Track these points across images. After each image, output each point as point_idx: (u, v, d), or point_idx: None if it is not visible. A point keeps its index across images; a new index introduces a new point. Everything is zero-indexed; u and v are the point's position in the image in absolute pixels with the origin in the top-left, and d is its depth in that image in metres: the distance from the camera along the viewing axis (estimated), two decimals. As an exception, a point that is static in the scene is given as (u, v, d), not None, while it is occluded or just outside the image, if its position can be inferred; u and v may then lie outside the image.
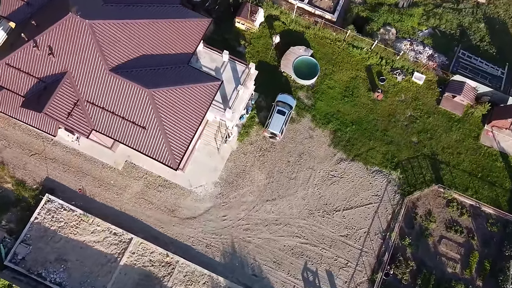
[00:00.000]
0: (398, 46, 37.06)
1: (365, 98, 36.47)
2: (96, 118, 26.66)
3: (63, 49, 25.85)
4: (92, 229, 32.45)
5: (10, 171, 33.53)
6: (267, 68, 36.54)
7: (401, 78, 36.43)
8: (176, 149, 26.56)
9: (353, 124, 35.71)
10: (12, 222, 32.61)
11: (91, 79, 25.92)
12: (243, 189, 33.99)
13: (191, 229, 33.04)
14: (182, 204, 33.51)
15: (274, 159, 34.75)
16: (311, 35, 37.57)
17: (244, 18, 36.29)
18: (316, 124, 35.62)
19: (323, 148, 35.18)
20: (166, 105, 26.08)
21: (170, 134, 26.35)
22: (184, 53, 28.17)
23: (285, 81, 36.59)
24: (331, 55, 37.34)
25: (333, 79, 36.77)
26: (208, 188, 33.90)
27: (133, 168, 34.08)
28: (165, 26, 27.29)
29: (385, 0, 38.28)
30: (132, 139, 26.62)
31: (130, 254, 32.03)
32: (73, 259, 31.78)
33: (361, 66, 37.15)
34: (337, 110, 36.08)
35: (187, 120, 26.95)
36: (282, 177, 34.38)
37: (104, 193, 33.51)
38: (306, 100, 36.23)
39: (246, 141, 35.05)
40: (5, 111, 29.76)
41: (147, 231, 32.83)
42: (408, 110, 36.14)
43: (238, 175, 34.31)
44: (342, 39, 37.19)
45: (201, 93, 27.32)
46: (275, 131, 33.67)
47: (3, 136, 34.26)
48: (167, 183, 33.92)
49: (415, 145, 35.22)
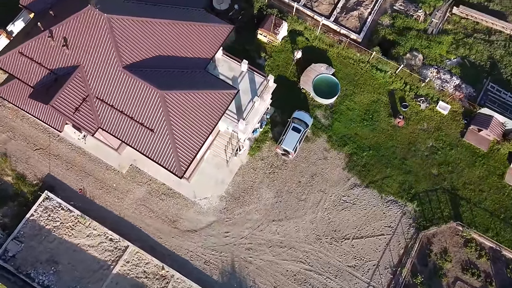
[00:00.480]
0: (424, 73, 35.58)
1: (385, 123, 34.85)
2: (104, 116, 25.54)
3: (78, 42, 24.99)
4: (88, 233, 31.00)
5: (12, 164, 32.52)
6: (286, 83, 35.31)
7: (424, 106, 34.80)
8: (183, 156, 25.18)
9: (371, 149, 34.01)
10: (7, 216, 31.38)
11: (103, 75, 24.92)
12: (249, 206, 32.32)
13: (191, 243, 31.34)
14: (184, 215, 31.94)
15: (285, 177, 33.12)
16: (334, 53, 36.38)
17: (267, 31, 35.33)
18: (332, 146, 34.02)
19: (337, 171, 33.46)
20: (178, 109, 24.86)
21: (178, 139, 25.03)
22: (202, 58, 27.10)
23: (303, 98, 35.26)
24: (353, 76, 36.00)
25: (353, 101, 35.31)
26: (212, 201, 32.32)
27: (138, 173, 32.77)
28: (185, 28, 26.33)
29: (413, 25, 37.02)
30: (138, 141, 25.37)
31: (124, 262, 30.40)
32: (65, 262, 30.27)
33: (383, 90, 35.67)
34: (355, 133, 34.48)
35: (197, 127, 25.64)
36: (291, 197, 32.66)
37: (104, 196, 32.16)
38: (323, 120, 34.76)
39: (257, 156, 33.57)
40: (13, 102, 28.90)
41: (145, 240, 31.23)
42: (430, 140, 34.35)
43: (246, 190, 32.70)
44: (366, 61, 35.89)
45: (215, 100, 26.08)
46: (289, 148, 32.16)
47: (10, 127, 33.40)
48: (171, 192, 32.47)
49: (435, 177, 33.27)
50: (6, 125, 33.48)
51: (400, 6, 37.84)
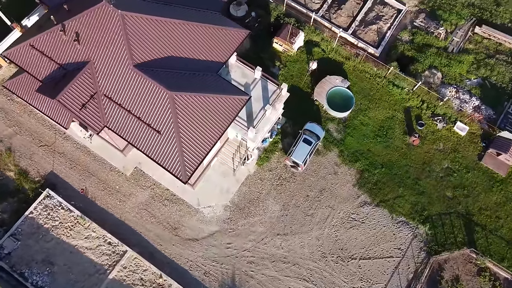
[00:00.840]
0: (442, 92, 34.45)
1: (399, 141, 33.66)
2: (111, 115, 24.83)
3: (90, 37, 24.45)
4: (87, 234, 30.08)
5: (15, 159, 31.92)
6: (299, 94, 34.43)
7: (441, 125, 33.58)
8: (189, 160, 24.27)
9: (383, 167, 32.78)
10: (6, 212, 30.63)
11: (113, 72, 24.29)
12: (253, 218, 31.18)
13: (191, 252, 30.22)
14: (186, 223, 30.89)
15: (292, 190, 31.98)
16: (350, 66, 35.49)
17: (283, 39, 34.64)
18: (343, 161, 32.87)
19: (347, 187, 32.24)
20: (187, 111, 24.05)
21: (185, 143, 24.17)
22: (215, 61, 26.38)
23: (316, 110, 34.30)
24: (368, 90, 35.00)
25: (368, 116, 34.24)
26: (216, 211, 31.25)
27: (142, 176, 31.92)
28: (199, 30, 25.69)
29: (433, 42, 36.04)
30: (144, 143, 24.55)
31: (121, 268, 29.34)
32: (61, 263, 29.31)
33: (399, 107, 34.57)
34: (368, 149, 33.32)
35: (206, 132, 24.77)
36: (298, 211, 31.46)
37: (106, 198, 31.31)
38: (335, 133, 33.70)
39: (266, 166, 32.54)
40: (21, 95, 28.41)
41: (144, 246, 30.20)
42: (446, 161, 33.02)
43: (251, 201, 31.61)
44: (383, 76, 34.91)
45: (226, 105, 25.25)
46: (298, 160, 31.09)
47: (17, 122, 32.91)
48: (174, 198, 31.50)
49: (449, 200, 31.86)
50: (13, 120, 33.00)
51: (420, 23, 36.95)
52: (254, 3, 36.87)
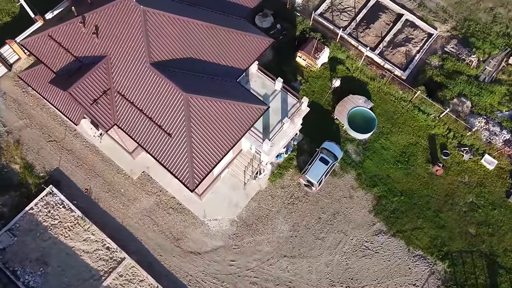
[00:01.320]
0: (471, 122, 32.61)
1: (421, 169, 31.77)
2: (122, 113, 23.81)
3: (109, 32, 23.68)
4: (85, 237, 28.77)
5: (22, 152, 31.11)
6: (319, 111, 33.03)
7: (468, 157, 31.63)
8: (198, 168, 22.92)
9: (402, 195, 30.85)
10: (7, 206, 29.64)
11: (129, 69, 23.38)
12: (261, 236, 29.45)
13: (192, 266, 28.55)
14: (190, 234, 29.34)
15: (304, 211, 30.24)
16: (375, 87, 34.04)
17: (307, 54, 33.50)
18: (360, 185, 31.08)
19: (362, 213, 30.35)
20: (201, 116, 22.85)
21: (196, 149, 22.88)
22: (236, 67, 25.30)
23: (336, 129, 32.77)
24: (392, 113, 33.39)
25: (390, 140, 32.53)
26: (222, 225, 29.66)
27: (149, 181, 30.66)
28: (222, 34, 24.74)
29: (464, 70, 34.44)
30: (153, 145, 23.36)
31: (117, 275, 27.82)
32: (55, 264, 27.98)
33: (424, 133, 32.80)
34: (387, 175, 31.50)
35: (219, 139, 23.48)
36: (308, 233, 29.63)
37: (110, 200, 30.07)
38: (354, 155, 32.02)
39: (278, 183, 30.95)
40: (34, 87, 27.73)
41: (144, 254, 28.70)
42: (470, 195, 30.92)
43: (260, 218, 29.94)
44: (408, 100, 33.33)
45: (242, 113, 24.00)
46: (313, 179, 29.44)
47: (29, 115, 32.25)
48: (180, 207, 30.08)
49: (472, 237, 29.64)
50: (25, 112, 32.37)
51: (451, 49, 35.47)
52: (280, 15, 36.03)
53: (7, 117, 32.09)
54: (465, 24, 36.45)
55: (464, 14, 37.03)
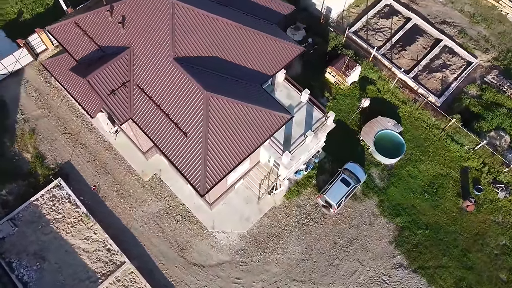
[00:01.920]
0: (509, 157, 30.23)
1: (451, 203, 29.39)
2: (139, 107, 22.76)
3: (135, 22, 22.94)
4: (87, 235, 27.43)
5: (36, 142, 30.39)
6: (345, 130, 31.33)
7: (503, 195, 29.15)
8: (212, 172, 21.44)
9: (428, 228, 28.48)
10: (13, 194, 28.74)
11: (151, 62, 22.45)
12: (270, 255, 27.47)
13: (194, 279, 26.72)
14: (196, 245, 27.62)
15: (319, 234, 28.19)
16: (406, 111, 32.19)
17: (337, 70, 32.10)
18: (382, 212, 28.90)
19: (381, 243, 28.07)
20: (220, 117, 21.53)
21: (211, 152, 21.47)
22: (262, 72, 24.07)
23: (361, 151, 30.89)
24: (423, 140, 31.35)
25: (418, 168, 30.40)
26: (231, 238, 27.86)
27: (159, 185, 29.32)
28: (251, 36, 23.67)
29: (504, 102, 32.31)
30: (167, 143, 22.10)
31: (114, 280, 26.23)
32: (53, 260, 26.65)
33: (455, 165, 30.55)
34: (412, 205, 29.24)
35: (236, 144, 22.03)
36: (321, 258, 27.48)
37: (117, 200, 28.80)
38: (377, 180, 29.97)
39: (294, 201, 29.11)
40: (55, 74, 27.14)
41: (145, 261, 27.08)
42: (503, 237, 28.28)
43: (271, 236, 28.03)
44: (441, 128, 31.30)
45: (264, 120, 22.57)
46: (332, 201, 27.50)
47: (48, 105, 31.72)
48: (188, 215, 28.51)
49: (503, 284, 26.88)
50: (45, 102, 31.86)
51: (492, 79, 33.45)
52: (313, 30, 34.96)
53: (26, 105, 31.62)
54: (508, 56, 34.51)
55: (508, 45, 35.15)
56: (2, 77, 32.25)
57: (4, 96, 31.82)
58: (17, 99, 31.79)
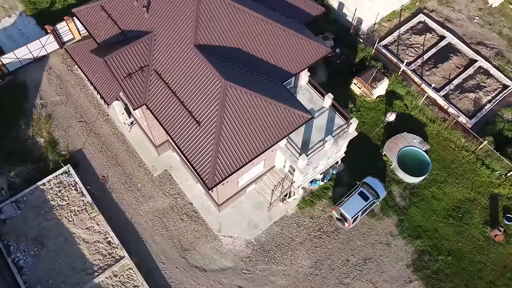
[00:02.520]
0: (544, 187, 27.91)
1: (477, 230, 27.16)
2: (154, 93, 22.03)
3: (160, 8, 22.52)
4: (89, 225, 26.45)
5: (51, 127, 30.01)
6: (367, 144, 29.80)
7: (536, 227, 26.76)
8: (222, 166, 20.27)
9: (450, 255, 26.25)
10: (21, 177, 28.22)
11: (172, 48, 21.87)
12: (277, 266, 25.75)
13: (194, 283, 25.20)
14: (199, 247, 26.20)
15: (331, 248, 26.35)
16: (434, 130, 30.44)
17: (364, 82, 30.84)
18: (401, 233, 26.91)
19: (398, 265, 25.96)
20: (236, 108, 20.52)
21: (224, 143, 20.37)
22: (285, 70, 23.09)
23: (382, 167, 29.18)
24: (450, 162, 29.42)
25: (443, 190, 28.40)
26: (237, 244, 26.34)
27: (169, 181, 28.28)
28: (277, 32, 22.87)
29: (541, 129, 30.18)
30: (179, 132, 21.17)
31: (111, 274, 24.98)
32: (51, 247, 25.70)
33: (485, 191, 28.41)
34: (434, 228, 27.15)
35: (251, 139, 20.89)
36: (331, 275, 25.55)
37: (124, 193, 27.85)
38: (398, 199, 28.09)
39: (307, 212, 27.47)
40: (76, 59, 26.91)
41: (145, 258, 25.79)
42: (534, 272, 25.77)
43: (280, 246, 26.36)
44: (471, 150, 29.34)
45: (282, 117, 21.42)
46: (347, 214, 25.77)
47: (67, 92, 31.52)
48: (195, 216, 27.23)
49: (531, 323, 24.24)
50: (65, 89, 31.69)
51: (529, 104, 31.49)
52: (342, 41, 33.97)
53: (46, 91, 31.50)
54: (547, 81, 32.54)
55: (547, 71, 33.24)
56: (27, 62, 32.34)
57: (26, 81, 31.83)
58: (38, 84, 31.74)
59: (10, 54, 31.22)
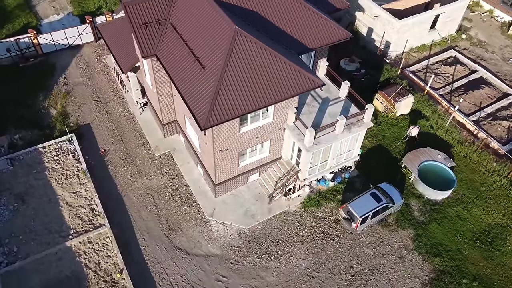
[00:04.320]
0: None
1: (510, 259, 23.04)
2: (166, 45, 21.83)
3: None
4: (77, 190, 24.90)
5: (66, 102, 30.16)
6: (385, 156, 27.58)
7: None
8: (220, 108, 18.98)
9: (476, 280, 22.08)
10: (24, 140, 27.77)
11: (192, 3, 21.99)
12: (269, 262, 22.48)
13: (173, 264, 22.24)
14: (187, 230, 23.64)
15: (334, 252, 22.96)
16: (462, 152, 27.87)
17: (386, 96, 29.57)
18: (417, 248, 23.27)
19: (412, 282, 21.99)
20: (244, 56, 19.76)
21: (225, 87, 19.28)
22: (301, 42, 22.53)
23: (400, 180, 26.46)
24: (479, 185, 26.32)
25: (470, 211, 24.99)
26: (228, 232, 23.58)
27: (169, 162, 26.80)
28: (299, 7, 22.83)
29: None
30: (182, 76, 20.42)
31: (85, 240, 22.73)
32: (32, 205, 24.10)
33: (519, 218, 24.73)
34: (457, 249, 23.34)
35: (255, 89, 19.73)
36: (331, 280, 21.88)
37: (121, 167, 26.48)
38: (416, 213, 24.85)
39: (311, 211, 24.67)
40: (103, 34, 27.85)
41: (125, 231, 23.47)
42: None
43: (276, 241, 23.31)
44: (504, 175, 26.29)
45: (292, 76, 20.34)
46: (356, 212, 22.82)
47: (90, 76, 32.20)
48: (189, 198, 25.10)
49: None
50: (89, 74, 32.43)
51: None
52: (369, 63, 33.53)
53: (71, 72, 32.33)
54: None
55: None
56: (61, 47, 33.84)
57: (56, 63, 32.97)
58: (66, 66, 32.76)
59: (47, 35, 32.87)
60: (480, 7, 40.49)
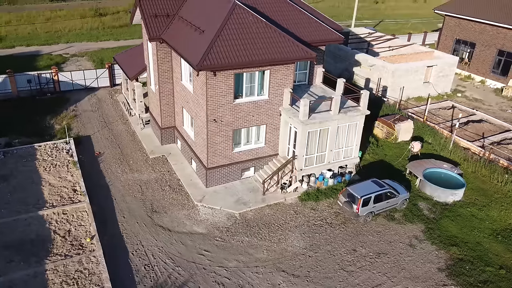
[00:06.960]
0: None
1: (540, 254, 19.94)
2: (172, 30, 23.74)
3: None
4: (63, 175, 24.00)
5: (72, 121, 31.09)
6: (388, 168, 26.43)
7: None
8: (214, 55, 19.56)
9: (503, 269, 18.77)
10: (23, 143, 27.82)
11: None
12: (260, 241, 19.92)
13: (151, 238, 19.87)
14: (172, 213, 21.71)
15: (334, 237, 20.35)
16: (469, 167, 26.55)
17: (386, 121, 29.82)
18: (429, 238, 20.52)
19: (426, 267, 18.82)
20: (241, 24, 21.08)
21: (219, 44, 20.12)
22: (300, 37, 24.20)
23: (406, 186, 24.73)
24: (492, 193, 24.38)
25: (485, 212, 22.64)
26: (216, 216, 21.52)
27: (162, 162, 26.10)
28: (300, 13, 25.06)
29: None
30: (183, 42, 21.67)
31: (60, 211, 20.97)
32: (12, 183, 23.09)
33: (543, 218, 22.12)
34: (476, 242, 20.45)
35: (248, 49, 20.47)
36: (330, 260, 18.91)
37: (112, 165, 25.81)
38: (426, 211, 22.58)
39: (309, 204, 22.72)
40: (117, 59, 30.41)
41: (104, 210, 21.68)
42: None
43: (268, 225, 21.00)
44: (517, 184, 24.55)
45: (286, 46, 21.21)
46: (357, 193, 20.97)
47: (99, 106, 33.72)
48: (178, 188, 23.69)
49: None
50: (99, 105, 34.05)
51: None
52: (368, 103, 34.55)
53: (82, 104, 34.01)
54: None
55: None
56: (78, 87, 36.38)
57: (70, 98, 35.02)
58: (78, 100, 34.65)
59: (67, 73, 35.75)
60: (472, 79, 43.09)
